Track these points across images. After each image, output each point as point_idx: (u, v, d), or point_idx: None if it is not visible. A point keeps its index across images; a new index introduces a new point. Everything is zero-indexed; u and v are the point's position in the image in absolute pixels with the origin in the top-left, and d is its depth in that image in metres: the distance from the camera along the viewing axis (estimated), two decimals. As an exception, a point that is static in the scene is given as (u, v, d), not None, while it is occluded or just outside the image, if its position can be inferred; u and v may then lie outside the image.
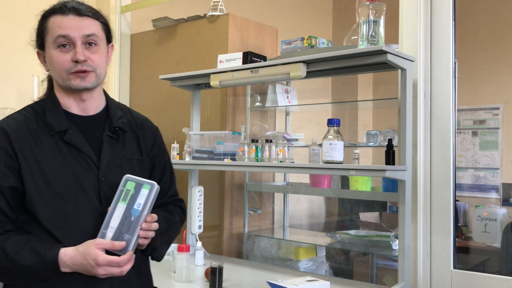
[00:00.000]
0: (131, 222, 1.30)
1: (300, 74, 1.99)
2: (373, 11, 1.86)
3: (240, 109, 2.87)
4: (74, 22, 1.35)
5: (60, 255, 1.25)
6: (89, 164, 1.36)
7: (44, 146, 1.33)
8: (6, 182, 1.28)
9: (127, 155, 1.44)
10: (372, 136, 2.43)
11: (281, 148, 2.22)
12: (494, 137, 3.45)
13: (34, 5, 2.95)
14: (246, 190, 2.85)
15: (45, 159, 1.32)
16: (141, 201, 1.31)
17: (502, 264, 2.90)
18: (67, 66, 1.35)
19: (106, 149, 1.40)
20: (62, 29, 1.34)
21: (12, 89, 2.87)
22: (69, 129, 1.36)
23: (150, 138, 1.54)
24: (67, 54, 1.35)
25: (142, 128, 1.53)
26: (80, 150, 1.36)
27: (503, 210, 3.15)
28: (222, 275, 1.95)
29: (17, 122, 1.36)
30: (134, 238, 1.30)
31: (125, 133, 1.46)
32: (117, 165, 1.40)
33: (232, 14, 2.78)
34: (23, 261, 1.24)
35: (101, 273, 1.25)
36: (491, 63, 3.52)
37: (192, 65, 2.88)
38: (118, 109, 1.50)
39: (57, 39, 1.35)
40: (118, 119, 1.45)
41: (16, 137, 1.32)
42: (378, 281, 2.59)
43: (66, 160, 1.34)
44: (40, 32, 1.40)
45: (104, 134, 1.41)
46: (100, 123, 1.44)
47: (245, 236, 2.84)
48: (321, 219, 3.65)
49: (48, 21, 1.38)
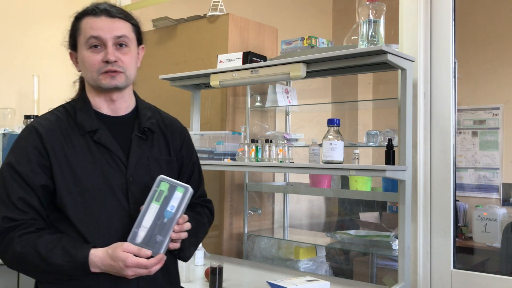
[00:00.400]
0: (164, 224, 1.31)
1: (300, 74, 1.99)
2: (373, 11, 1.86)
3: (240, 109, 2.87)
4: (105, 24, 1.38)
5: (90, 256, 1.28)
6: (118, 163, 1.39)
7: (75, 146, 1.36)
8: (38, 181, 1.31)
9: (155, 155, 1.46)
10: (372, 136, 2.43)
11: (281, 148, 2.22)
12: (494, 137, 3.45)
13: (34, 6, 2.96)
14: (246, 190, 2.85)
15: (75, 158, 1.35)
16: (175, 204, 1.32)
17: (502, 264, 2.90)
18: (98, 66, 1.37)
19: (134, 149, 1.42)
20: (94, 30, 1.37)
21: (12, 89, 2.88)
22: (99, 129, 1.39)
23: (179, 138, 1.56)
24: (98, 54, 1.37)
25: (171, 128, 1.55)
26: (109, 149, 1.38)
27: (503, 210, 3.15)
28: (222, 275, 1.95)
29: (49, 122, 1.39)
30: (166, 240, 1.30)
31: (154, 133, 1.49)
32: (145, 165, 1.43)
33: (232, 14, 2.78)
34: (54, 260, 1.26)
35: (130, 274, 1.28)
36: (491, 63, 3.51)
37: (192, 65, 2.88)
38: (148, 109, 1.52)
39: (89, 40, 1.37)
40: (147, 119, 1.48)
41: (48, 137, 1.35)
42: (378, 281, 2.59)
43: (96, 159, 1.37)
44: (73, 33, 1.43)
45: (133, 134, 1.44)
46: (129, 124, 1.46)
47: (245, 236, 2.84)
48: (321, 219, 3.65)
49: (81, 22, 1.40)
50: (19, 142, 1.37)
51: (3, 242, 1.29)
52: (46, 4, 3.03)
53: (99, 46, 1.37)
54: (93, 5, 1.41)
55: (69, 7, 3.11)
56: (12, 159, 1.34)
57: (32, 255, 1.27)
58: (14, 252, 1.28)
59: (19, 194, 1.30)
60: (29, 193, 1.31)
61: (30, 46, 2.95)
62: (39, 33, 3.00)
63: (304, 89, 3.25)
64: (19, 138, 1.38)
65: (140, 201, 1.36)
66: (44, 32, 3.02)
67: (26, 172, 1.31)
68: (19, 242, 1.27)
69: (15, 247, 1.27)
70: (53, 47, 3.06)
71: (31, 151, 1.33)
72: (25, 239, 1.28)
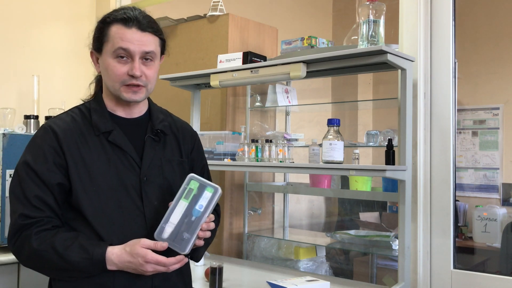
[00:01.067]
0: (191, 222, 1.32)
1: (300, 74, 1.99)
2: (373, 11, 1.86)
3: (240, 109, 2.87)
4: (136, 36, 1.37)
5: (107, 253, 1.30)
6: (132, 164, 1.41)
7: (90, 146, 1.38)
8: (55, 179, 1.33)
9: (167, 157, 1.49)
10: (372, 136, 2.43)
11: (281, 148, 2.22)
12: (494, 137, 3.45)
13: (35, 6, 2.96)
14: (246, 190, 2.85)
15: (91, 158, 1.37)
16: (203, 203, 1.33)
17: (502, 264, 2.90)
18: (122, 78, 1.38)
19: (148, 150, 1.45)
20: (123, 41, 1.36)
21: (12, 89, 2.88)
22: (113, 130, 1.41)
23: (190, 141, 1.60)
24: (124, 66, 1.38)
25: (182, 131, 1.58)
26: (123, 150, 1.41)
27: (503, 210, 3.15)
28: (222, 275, 1.95)
29: (64, 122, 1.40)
30: (193, 238, 1.32)
31: (166, 135, 1.51)
32: (158, 165, 1.45)
33: (232, 14, 2.78)
34: (72, 257, 1.28)
35: (149, 270, 1.29)
36: (491, 63, 3.51)
37: (192, 65, 2.88)
38: (160, 113, 1.56)
39: (117, 50, 1.37)
40: (160, 122, 1.51)
41: (64, 137, 1.37)
42: (378, 281, 2.59)
43: (111, 159, 1.39)
44: (100, 37, 1.42)
45: (147, 136, 1.47)
46: (142, 126, 1.49)
47: (245, 236, 2.84)
48: (321, 219, 3.65)
49: (110, 28, 1.39)
50: (36, 141, 1.39)
51: (20, 239, 1.31)
52: (47, 5, 3.03)
53: (125, 57, 1.38)
54: (124, 12, 1.40)
55: (69, 7, 3.12)
56: (28, 157, 1.36)
57: (49, 252, 1.28)
58: (30, 248, 1.29)
59: (35, 192, 1.32)
60: (45, 191, 1.33)
61: (30, 46, 2.95)
62: (39, 33, 3.00)
63: (304, 89, 3.25)
64: (35, 137, 1.40)
65: (153, 200, 1.40)
66: (44, 32, 3.02)
67: (42, 170, 1.33)
68: (36, 239, 1.29)
69: (32, 243, 1.29)
70: (53, 47, 3.07)
71: (48, 150, 1.35)
72: (42, 236, 1.30)
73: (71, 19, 3.13)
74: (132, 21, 1.37)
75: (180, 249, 1.31)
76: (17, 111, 2.73)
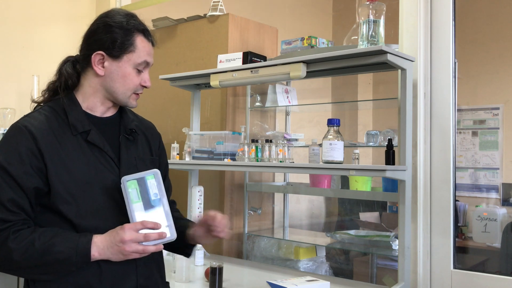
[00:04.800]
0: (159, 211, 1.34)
1: (300, 74, 1.99)
2: (373, 11, 1.86)
3: (240, 109, 2.87)
4: (152, 51, 1.49)
5: (93, 239, 1.29)
6: (111, 164, 1.42)
7: (68, 146, 1.37)
8: (32, 183, 1.30)
9: (140, 155, 1.52)
10: (372, 136, 2.43)
11: (281, 148, 2.22)
12: (494, 137, 3.45)
13: (35, 6, 2.96)
14: (246, 190, 2.85)
15: (70, 158, 1.36)
16: (156, 190, 1.35)
17: (502, 264, 2.90)
18: (136, 88, 1.46)
19: (124, 149, 1.47)
20: (149, 56, 1.46)
21: (12, 89, 2.88)
22: (91, 130, 1.41)
23: (157, 140, 1.64)
24: (139, 76, 1.46)
25: (149, 131, 1.63)
26: (102, 150, 1.41)
27: (503, 210, 3.15)
28: (222, 275, 1.94)
29: (39, 122, 1.37)
30: (171, 222, 1.34)
31: (138, 135, 1.54)
32: (133, 165, 1.47)
33: (232, 14, 2.78)
34: (55, 248, 1.26)
35: (127, 249, 1.27)
36: (491, 63, 3.51)
37: (192, 65, 2.88)
38: (129, 112, 1.59)
39: (142, 63, 1.44)
40: (131, 121, 1.54)
41: (41, 137, 1.33)
42: (378, 281, 2.59)
43: (89, 159, 1.39)
44: (124, 45, 1.41)
45: (121, 136, 1.48)
46: (115, 125, 1.51)
47: (245, 236, 2.84)
48: (321, 219, 3.65)
49: (136, 39, 1.43)
50: (10, 142, 1.33)
51: None
52: (47, 5, 3.03)
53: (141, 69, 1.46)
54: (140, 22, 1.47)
55: (69, 7, 3.12)
56: (2, 160, 1.30)
57: (30, 248, 1.25)
58: (7, 249, 1.25)
59: (9, 195, 1.28)
60: (20, 195, 1.29)
61: (30, 46, 2.95)
62: (39, 33, 3.00)
63: (304, 89, 3.25)
64: (9, 137, 1.34)
65: None
66: (44, 32, 3.02)
67: (19, 173, 1.29)
68: (13, 239, 1.25)
69: (9, 244, 1.25)
70: (53, 47, 3.07)
71: (25, 152, 1.30)
72: (19, 235, 1.27)
73: (71, 19, 3.12)
74: (149, 34, 1.48)
75: (169, 238, 1.32)
76: (17, 111, 2.72)
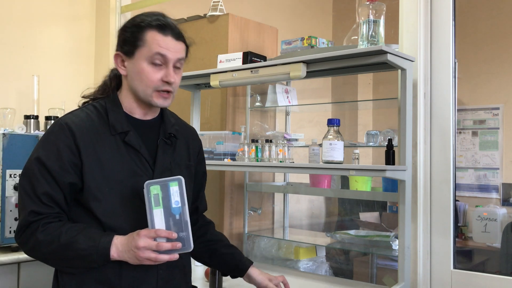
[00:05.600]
0: (178, 220, 1.32)
1: (300, 74, 1.99)
2: (373, 11, 1.86)
3: (240, 109, 2.87)
4: (172, 44, 1.42)
5: (113, 240, 1.31)
6: (145, 165, 1.43)
7: (105, 145, 1.39)
8: (67, 178, 1.34)
9: (176, 160, 1.52)
10: (372, 136, 2.43)
11: (281, 148, 2.22)
12: (494, 137, 3.45)
13: (35, 6, 2.96)
14: (246, 190, 2.85)
15: (106, 157, 1.38)
16: (177, 198, 1.33)
17: (502, 264, 2.90)
18: (156, 84, 1.41)
19: (160, 153, 1.47)
20: (162, 48, 1.40)
21: (12, 89, 2.88)
22: (129, 131, 1.42)
23: (197, 146, 1.65)
24: (158, 72, 1.41)
25: (191, 136, 1.63)
26: (138, 151, 1.42)
27: (503, 210, 3.15)
28: (222, 275, 1.94)
29: (80, 119, 1.41)
30: (190, 233, 1.32)
31: (177, 139, 1.54)
32: (168, 169, 1.48)
33: (232, 14, 2.78)
34: (77, 245, 1.29)
35: (141, 255, 1.28)
36: (491, 63, 3.51)
37: (192, 65, 2.88)
38: (171, 116, 1.59)
39: (155, 56, 1.40)
40: (172, 126, 1.54)
41: (80, 135, 1.37)
42: (378, 281, 2.58)
43: (125, 160, 1.40)
44: (133, 41, 1.42)
45: (160, 139, 1.49)
46: (155, 128, 1.51)
47: (245, 236, 2.84)
48: (321, 219, 3.65)
49: (146, 34, 1.41)
50: (50, 137, 1.38)
51: (26, 233, 1.32)
52: (47, 5, 3.03)
53: (160, 64, 1.40)
54: (158, 18, 1.43)
55: (69, 7, 3.12)
56: (41, 154, 1.35)
57: (54, 241, 1.29)
58: (36, 240, 1.31)
59: (45, 189, 1.32)
60: (56, 189, 1.33)
61: (30, 46, 2.95)
62: (39, 33, 3.00)
63: (304, 89, 3.25)
64: (50, 133, 1.39)
65: None
66: (44, 32, 3.02)
67: (55, 168, 1.33)
68: (42, 231, 1.30)
69: (38, 236, 1.30)
70: (53, 47, 3.07)
71: (63, 148, 1.35)
72: (48, 228, 1.31)
73: (71, 19, 3.12)
74: (168, 28, 1.42)
75: (185, 249, 1.31)
76: (17, 111, 2.72)
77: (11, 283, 2.15)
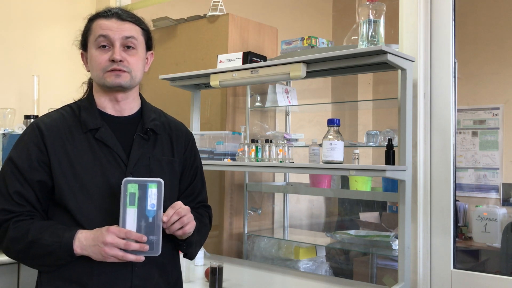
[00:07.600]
0: (151, 223, 1.31)
1: (300, 74, 1.99)
2: (373, 11, 1.86)
3: (240, 109, 2.87)
4: (115, 25, 1.42)
5: (77, 234, 1.31)
6: (118, 161, 1.41)
7: (76, 142, 1.40)
8: (35, 176, 1.36)
9: (156, 156, 1.48)
10: (372, 136, 2.43)
11: (281, 148, 2.22)
12: (494, 137, 3.45)
13: (35, 6, 2.96)
14: (246, 190, 2.85)
15: (76, 154, 1.39)
16: (154, 201, 1.32)
17: (502, 264, 2.91)
18: (104, 65, 1.41)
19: (135, 148, 1.45)
20: (103, 29, 1.41)
21: (12, 89, 2.88)
22: (101, 127, 1.42)
23: (184, 142, 1.59)
24: (106, 54, 1.41)
25: (176, 131, 1.59)
26: (110, 147, 1.42)
27: (503, 210, 3.15)
28: (222, 275, 1.95)
29: (52, 119, 1.43)
30: (160, 238, 1.31)
31: (158, 135, 1.51)
32: (146, 164, 1.45)
33: (232, 14, 2.78)
34: (43, 241, 1.30)
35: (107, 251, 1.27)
36: (491, 63, 3.52)
37: (192, 65, 2.88)
38: (152, 112, 1.56)
39: (98, 39, 1.41)
40: (150, 121, 1.51)
41: (49, 134, 1.39)
42: (378, 281, 2.59)
43: (96, 156, 1.40)
44: (84, 33, 1.48)
45: (136, 134, 1.47)
46: (133, 124, 1.49)
47: (245, 236, 2.84)
48: (321, 219, 3.65)
49: (93, 23, 1.45)
50: (23, 138, 1.42)
51: (0, 231, 1.34)
52: (46, 5, 3.03)
53: (107, 46, 1.41)
54: (106, 8, 1.47)
55: (69, 7, 3.12)
56: (13, 154, 1.40)
57: (24, 238, 1.31)
58: (7, 238, 1.33)
59: (16, 188, 1.35)
60: (26, 187, 1.36)
61: (30, 46, 2.95)
62: (39, 33, 3.00)
63: (304, 89, 3.25)
64: (23, 135, 1.43)
65: None
66: (44, 32, 3.02)
67: (25, 167, 1.36)
68: (13, 229, 1.32)
69: (9, 233, 1.32)
70: (53, 47, 3.07)
71: (31, 147, 1.38)
72: (19, 225, 1.33)
73: (71, 19, 3.12)
74: (112, 13, 1.44)
75: (152, 253, 1.30)
76: (17, 111, 2.73)
77: (11, 283, 2.15)
